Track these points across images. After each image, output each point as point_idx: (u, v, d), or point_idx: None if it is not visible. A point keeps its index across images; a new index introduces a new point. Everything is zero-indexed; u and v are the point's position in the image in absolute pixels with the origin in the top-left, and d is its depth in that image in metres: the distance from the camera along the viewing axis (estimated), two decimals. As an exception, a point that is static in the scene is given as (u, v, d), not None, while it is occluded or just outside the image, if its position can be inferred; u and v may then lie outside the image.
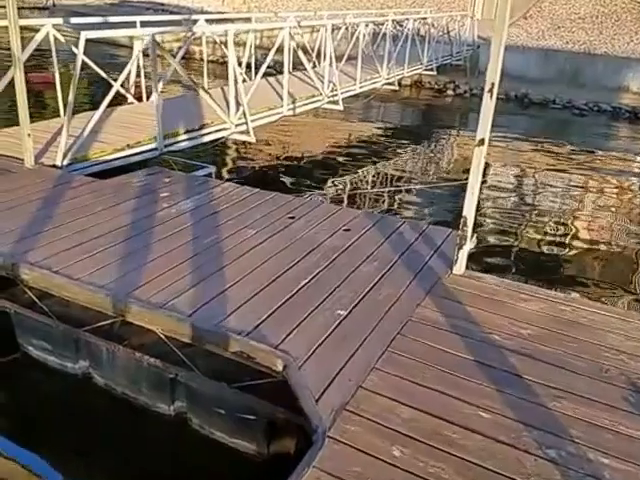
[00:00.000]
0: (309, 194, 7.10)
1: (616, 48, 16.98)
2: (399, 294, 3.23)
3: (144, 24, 7.24)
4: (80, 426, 3.16)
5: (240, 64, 8.03)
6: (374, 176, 8.58)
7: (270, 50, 7.07)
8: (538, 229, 6.88)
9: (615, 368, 2.73)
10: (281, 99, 7.70)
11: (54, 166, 4.96)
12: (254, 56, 9.00)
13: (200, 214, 4.17)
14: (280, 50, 7.28)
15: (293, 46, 8.06)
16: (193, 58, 16.17)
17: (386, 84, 11.05)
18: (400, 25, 11.90)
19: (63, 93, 5.98)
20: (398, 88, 12.10)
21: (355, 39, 9.68)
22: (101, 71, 6.69)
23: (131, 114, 6.73)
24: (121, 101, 7.16)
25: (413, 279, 3.42)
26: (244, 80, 8.12)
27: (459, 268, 3.54)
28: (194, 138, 6.29)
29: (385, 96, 12.91)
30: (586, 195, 8.30)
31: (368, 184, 8.23)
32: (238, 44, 7.45)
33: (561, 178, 8.93)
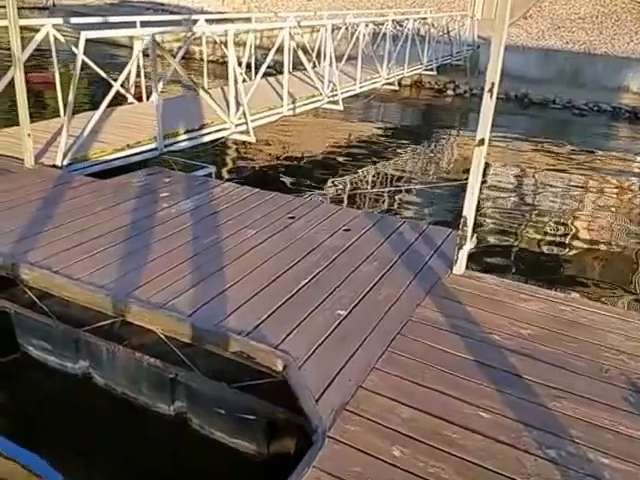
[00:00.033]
0: (309, 194, 7.10)
1: (616, 48, 16.98)
2: (399, 294, 3.23)
3: (144, 24, 7.24)
4: (80, 426, 3.16)
5: (240, 64, 8.03)
6: (374, 176, 8.57)
7: (270, 50, 7.07)
8: (538, 229, 6.88)
9: (615, 368, 2.73)
10: (281, 99, 7.70)
11: (54, 166, 4.96)
12: (254, 56, 9.00)
13: (200, 214, 4.17)
14: (280, 50, 7.28)
15: (293, 46, 8.05)
16: (193, 58, 16.17)
17: (386, 84, 11.05)
18: (400, 25, 11.90)
19: (63, 93, 5.98)
20: (398, 88, 12.10)
21: (355, 39, 9.68)
22: (101, 71, 6.69)
23: (131, 114, 6.73)
24: (121, 101, 7.16)
25: (413, 279, 3.42)
26: (244, 80, 8.12)
27: (459, 268, 3.54)
28: (194, 138, 6.29)
29: (385, 96, 12.91)
30: (586, 195, 8.30)
31: (368, 184, 8.22)
32: (238, 44, 7.45)
33: (561, 178, 8.93)
